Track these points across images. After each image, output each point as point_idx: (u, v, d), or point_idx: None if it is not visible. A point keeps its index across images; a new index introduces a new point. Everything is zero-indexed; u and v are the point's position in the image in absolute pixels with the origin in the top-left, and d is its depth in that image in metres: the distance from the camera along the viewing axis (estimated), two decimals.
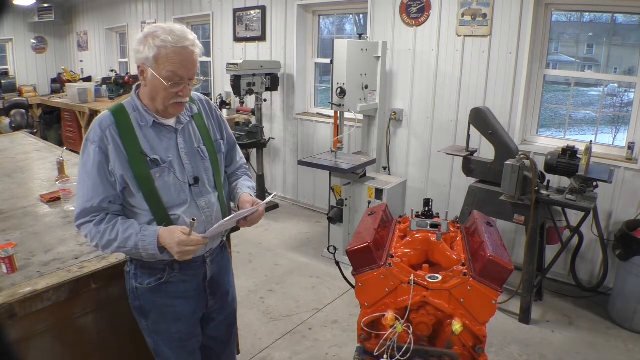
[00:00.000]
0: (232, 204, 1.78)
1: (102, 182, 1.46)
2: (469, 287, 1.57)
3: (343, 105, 3.70)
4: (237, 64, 4.49)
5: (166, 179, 1.51)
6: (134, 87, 1.55)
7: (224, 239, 1.76)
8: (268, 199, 1.82)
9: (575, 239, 3.30)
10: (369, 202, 3.80)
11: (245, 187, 1.75)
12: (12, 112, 7.21)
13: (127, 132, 1.47)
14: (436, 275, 1.64)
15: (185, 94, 1.48)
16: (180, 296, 1.62)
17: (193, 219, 1.43)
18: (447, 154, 3.62)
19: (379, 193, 3.77)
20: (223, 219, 1.57)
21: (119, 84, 7.15)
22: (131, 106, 1.52)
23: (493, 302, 1.57)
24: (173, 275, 1.58)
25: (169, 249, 1.44)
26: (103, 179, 1.46)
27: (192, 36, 1.45)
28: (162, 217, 1.51)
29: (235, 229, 1.77)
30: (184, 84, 1.46)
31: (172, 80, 1.43)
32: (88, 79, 8.47)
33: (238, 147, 1.87)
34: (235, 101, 5.45)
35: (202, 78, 1.60)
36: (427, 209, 2.08)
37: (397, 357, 1.55)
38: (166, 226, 1.48)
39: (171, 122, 1.55)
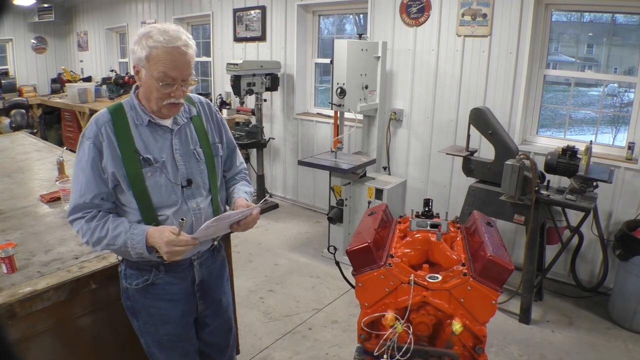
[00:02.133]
0: (227, 208, 1.76)
1: (95, 179, 1.46)
2: (469, 287, 1.57)
3: (343, 105, 3.70)
4: (237, 64, 4.49)
5: (157, 178, 1.50)
6: (134, 86, 1.56)
7: (215, 243, 1.73)
8: (261, 202, 1.82)
9: (575, 239, 3.30)
10: (369, 202, 3.80)
11: (242, 191, 1.73)
12: (12, 112, 7.21)
13: (122, 130, 1.48)
14: (436, 275, 1.64)
15: (178, 95, 1.47)
16: (168, 299, 1.60)
17: (182, 219, 1.42)
18: (447, 154, 3.62)
19: (379, 193, 3.77)
20: None
21: (119, 84, 7.15)
22: (129, 105, 1.52)
23: (493, 302, 1.57)
24: (159, 276, 1.57)
25: (157, 249, 1.43)
26: (96, 176, 1.46)
27: (185, 37, 1.44)
28: (151, 216, 1.50)
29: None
30: (176, 85, 1.45)
31: (163, 80, 1.42)
32: (88, 79, 8.47)
33: (238, 152, 1.86)
34: (235, 101, 5.45)
35: (196, 78, 1.59)
36: (427, 209, 2.08)
37: (397, 357, 1.55)
38: (155, 226, 1.48)
39: (167, 122, 1.55)
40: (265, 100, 5.07)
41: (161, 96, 1.45)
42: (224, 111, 5.59)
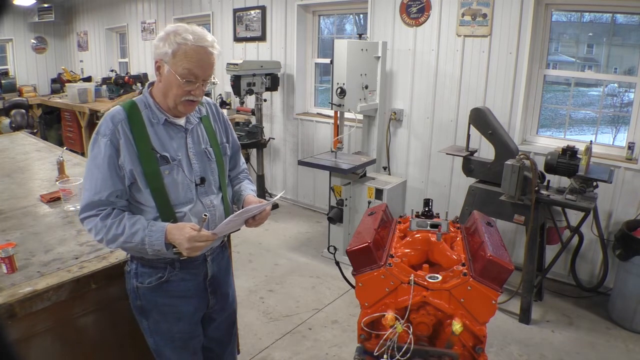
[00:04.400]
0: (234, 207, 1.79)
1: (112, 176, 1.46)
2: (469, 287, 1.57)
3: (343, 105, 3.70)
4: (237, 64, 4.49)
5: (175, 176, 1.52)
6: (146, 85, 1.57)
7: (225, 239, 1.77)
8: (276, 197, 1.87)
9: (575, 239, 3.30)
10: (369, 202, 3.80)
11: (249, 189, 1.80)
12: (12, 112, 7.20)
13: (138, 128, 1.48)
14: (436, 275, 1.64)
15: (198, 94, 1.50)
16: (181, 295, 1.62)
17: (205, 215, 1.43)
18: (447, 154, 3.62)
19: (379, 193, 3.77)
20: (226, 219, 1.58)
21: (119, 84, 7.15)
22: (143, 103, 1.53)
23: (493, 302, 1.57)
24: (174, 273, 1.58)
25: (177, 245, 1.44)
26: (112, 173, 1.46)
27: (211, 38, 1.48)
28: (168, 214, 1.51)
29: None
30: (197, 84, 1.47)
31: (186, 77, 1.44)
32: (88, 79, 8.46)
33: (241, 153, 1.90)
34: (235, 101, 5.45)
35: (217, 81, 1.63)
36: (427, 209, 2.08)
37: (397, 357, 1.55)
38: (172, 223, 1.49)
39: (181, 121, 1.57)
40: (265, 100, 5.08)
41: (181, 93, 1.47)
42: (224, 111, 5.58)
